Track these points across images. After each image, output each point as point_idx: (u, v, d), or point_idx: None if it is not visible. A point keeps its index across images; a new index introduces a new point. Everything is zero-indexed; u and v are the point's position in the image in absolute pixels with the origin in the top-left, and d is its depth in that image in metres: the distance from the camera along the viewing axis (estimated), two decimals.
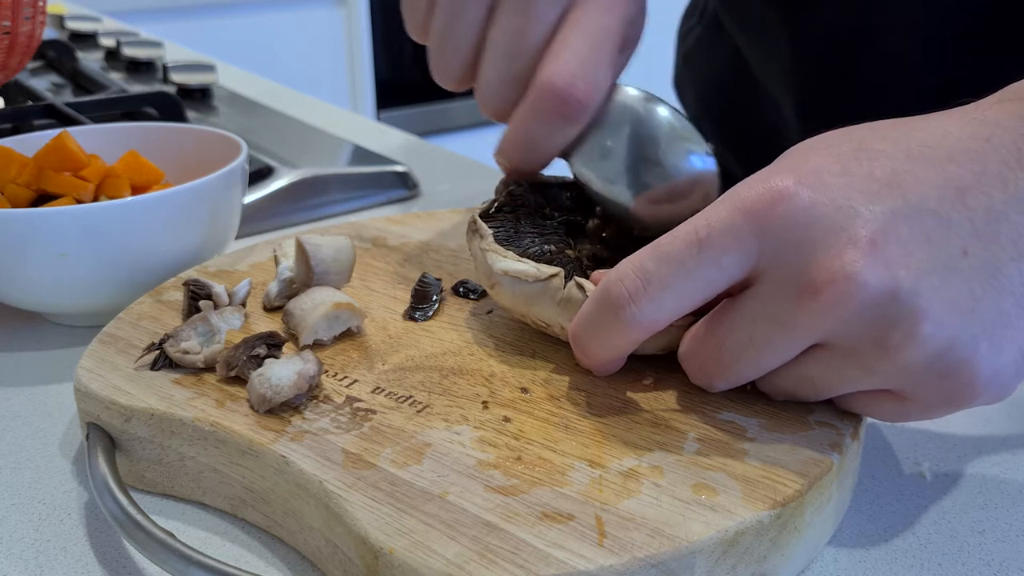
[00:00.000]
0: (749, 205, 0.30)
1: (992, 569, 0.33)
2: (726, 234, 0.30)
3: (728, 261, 0.30)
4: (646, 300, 0.31)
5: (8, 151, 0.51)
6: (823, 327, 0.30)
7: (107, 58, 1.10)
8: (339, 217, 0.68)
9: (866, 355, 0.30)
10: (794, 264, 0.29)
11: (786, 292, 0.30)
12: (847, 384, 0.32)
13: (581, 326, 0.34)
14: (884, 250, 0.29)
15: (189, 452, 0.35)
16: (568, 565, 0.27)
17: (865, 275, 0.28)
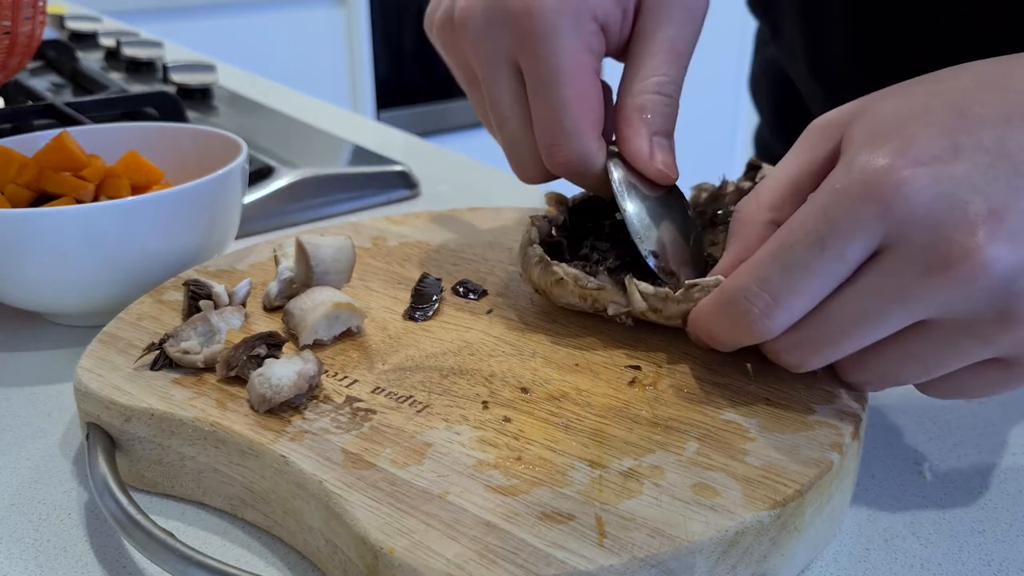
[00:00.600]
0: (868, 189, 0.30)
1: (992, 569, 0.33)
2: (848, 224, 0.30)
3: (852, 250, 0.30)
4: (779, 311, 0.32)
5: (8, 151, 0.51)
6: (948, 301, 0.30)
7: (107, 58, 1.10)
8: (339, 217, 0.68)
9: (988, 325, 0.30)
10: (921, 240, 0.30)
11: (913, 267, 0.30)
12: (961, 357, 0.31)
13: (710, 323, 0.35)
14: (1009, 223, 0.29)
15: (189, 452, 0.35)
16: (568, 565, 0.27)
17: (995, 250, 0.29)
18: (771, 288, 0.32)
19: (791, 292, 0.31)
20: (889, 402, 0.43)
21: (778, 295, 0.32)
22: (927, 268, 0.30)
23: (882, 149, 0.30)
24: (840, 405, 0.35)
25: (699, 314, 0.36)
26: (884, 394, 0.43)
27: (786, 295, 0.32)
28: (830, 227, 0.30)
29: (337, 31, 2.63)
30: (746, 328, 0.33)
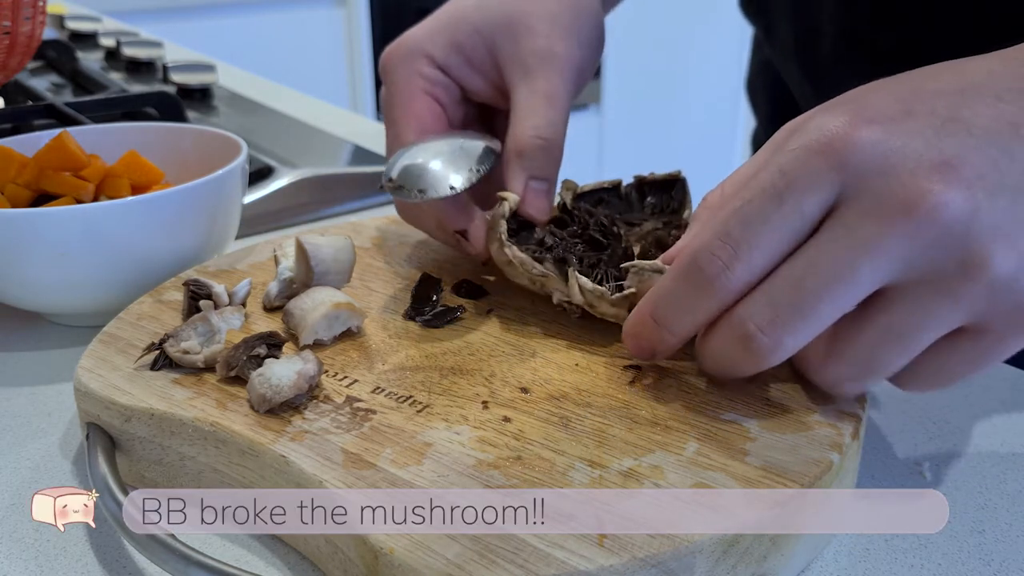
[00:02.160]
0: (823, 144, 0.31)
1: (992, 569, 0.33)
2: (804, 177, 0.31)
3: (810, 203, 0.31)
4: (739, 264, 0.31)
5: (8, 151, 0.51)
6: (909, 252, 0.30)
7: (107, 58, 1.10)
8: (339, 217, 0.68)
9: (952, 279, 0.30)
10: (877, 189, 0.30)
11: (871, 216, 0.30)
12: (933, 323, 0.31)
13: (662, 303, 0.34)
14: (963, 172, 0.30)
15: (189, 452, 0.35)
16: (568, 565, 0.27)
17: (949, 193, 0.29)
18: (732, 241, 0.31)
19: (750, 245, 0.31)
20: (889, 402, 0.43)
21: (738, 247, 0.31)
22: (884, 214, 0.30)
23: (837, 111, 0.32)
24: (840, 405, 0.35)
25: (659, 289, 0.34)
26: (884, 394, 0.43)
27: (745, 248, 0.31)
28: (787, 181, 0.31)
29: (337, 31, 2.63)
30: (707, 285, 0.32)
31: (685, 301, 0.33)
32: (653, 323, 0.34)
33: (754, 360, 0.32)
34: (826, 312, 0.31)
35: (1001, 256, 0.30)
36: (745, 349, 0.32)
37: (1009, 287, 0.30)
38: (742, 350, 0.32)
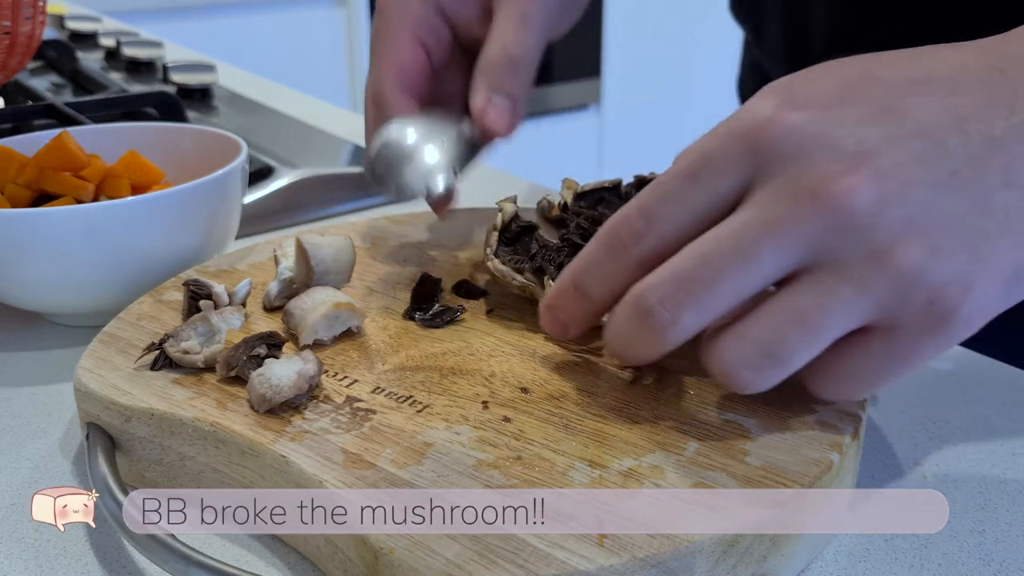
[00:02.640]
0: (741, 128, 0.31)
1: (992, 569, 0.33)
2: (720, 159, 0.31)
3: (724, 185, 0.31)
4: (651, 236, 0.32)
5: (8, 151, 0.51)
6: (814, 235, 0.30)
7: (107, 58, 1.10)
8: (339, 217, 0.68)
9: (859, 267, 0.30)
10: (789, 173, 0.30)
11: (779, 199, 0.30)
12: (840, 310, 0.30)
13: (582, 270, 0.34)
14: (877, 162, 0.30)
15: (189, 452, 0.35)
16: (568, 565, 0.27)
17: (859, 182, 0.29)
18: (647, 213, 0.32)
19: (663, 219, 0.32)
20: (889, 402, 0.43)
21: (652, 219, 0.32)
22: (792, 198, 0.30)
23: (770, 95, 0.32)
24: (840, 405, 0.35)
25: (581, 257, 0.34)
26: (884, 394, 0.43)
27: (658, 221, 0.32)
28: (704, 161, 0.31)
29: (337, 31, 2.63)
30: (622, 252, 0.33)
31: (601, 268, 0.34)
32: (573, 290, 0.35)
33: (652, 336, 0.31)
34: (727, 290, 0.30)
35: (909, 249, 0.29)
36: (643, 324, 0.31)
37: (917, 281, 0.29)
38: (641, 325, 0.32)
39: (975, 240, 0.30)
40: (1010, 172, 0.30)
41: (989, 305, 0.30)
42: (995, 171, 0.30)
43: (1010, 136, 0.30)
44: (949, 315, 0.30)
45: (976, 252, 0.30)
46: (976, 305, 0.30)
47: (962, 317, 0.30)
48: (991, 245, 0.30)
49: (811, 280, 0.30)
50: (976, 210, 0.30)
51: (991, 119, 0.30)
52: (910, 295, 0.30)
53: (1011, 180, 0.30)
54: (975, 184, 0.30)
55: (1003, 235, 0.30)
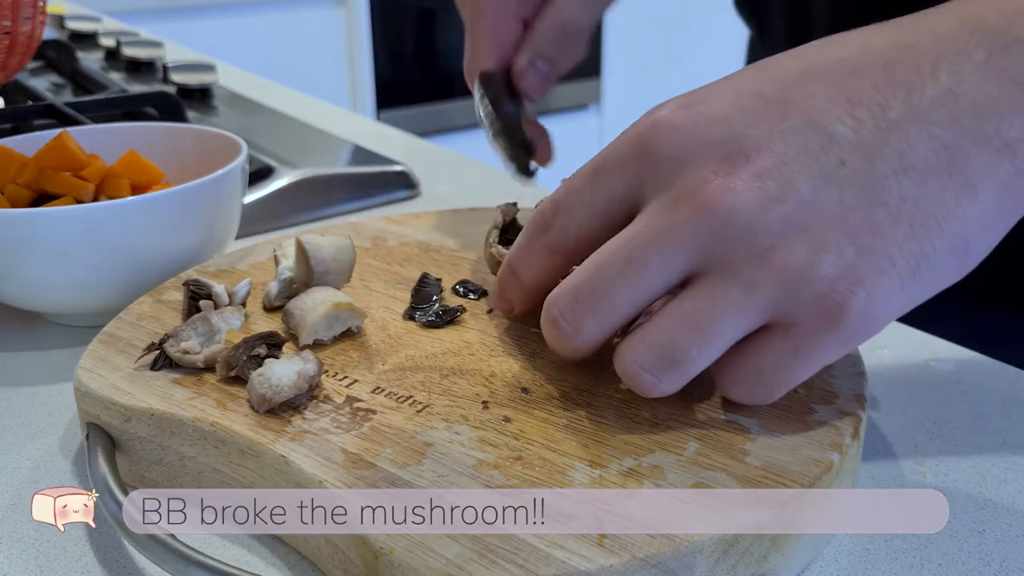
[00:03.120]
0: (634, 132, 0.32)
1: (992, 569, 0.33)
2: (613, 160, 0.32)
3: (617, 186, 0.32)
4: (555, 228, 0.34)
5: (8, 151, 0.51)
6: (698, 240, 0.30)
7: (107, 58, 1.10)
8: (339, 217, 0.68)
9: (743, 267, 0.30)
10: (672, 179, 0.31)
11: (663, 206, 0.31)
12: (732, 312, 0.30)
13: (515, 253, 0.37)
14: (756, 162, 0.30)
15: (189, 452, 0.35)
16: (568, 565, 0.27)
17: (737, 184, 0.29)
18: (555, 207, 0.34)
19: (566, 213, 0.34)
20: (889, 402, 0.43)
21: (557, 212, 0.34)
22: (675, 206, 0.30)
23: (665, 103, 0.32)
24: (840, 405, 0.35)
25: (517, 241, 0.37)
26: (884, 394, 0.43)
27: (562, 215, 0.34)
28: (603, 162, 0.33)
29: (337, 31, 2.63)
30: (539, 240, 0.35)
31: (525, 253, 0.36)
32: (510, 272, 0.38)
33: (564, 343, 0.33)
34: (622, 299, 0.31)
35: (792, 248, 0.29)
36: (554, 332, 0.33)
37: (803, 278, 0.29)
38: (553, 333, 0.34)
39: (863, 233, 0.29)
40: (905, 157, 0.29)
41: (886, 299, 0.29)
42: (889, 157, 0.29)
43: (907, 118, 0.29)
44: (841, 311, 0.29)
45: (865, 245, 0.29)
46: (870, 299, 0.29)
47: (856, 312, 0.29)
48: (882, 237, 0.29)
49: (702, 284, 0.31)
50: (866, 200, 0.29)
51: (888, 100, 0.29)
52: (799, 292, 0.29)
53: (906, 165, 0.29)
54: (865, 173, 0.29)
55: (895, 225, 0.29)
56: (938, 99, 0.29)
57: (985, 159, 0.29)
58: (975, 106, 0.29)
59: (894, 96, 0.30)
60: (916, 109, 0.29)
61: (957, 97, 0.29)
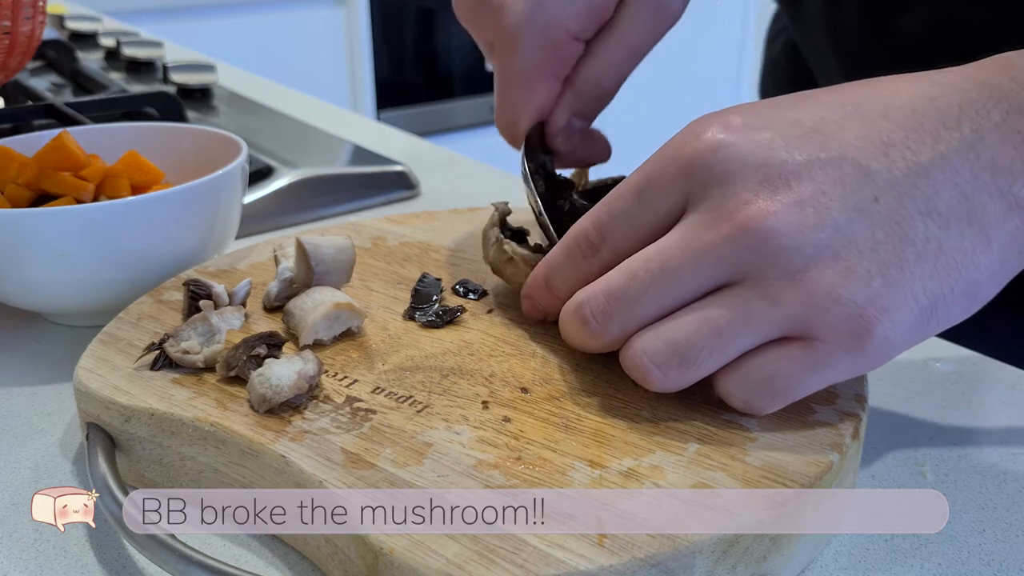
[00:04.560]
0: (675, 151, 0.33)
1: (992, 569, 0.33)
2: (658, 181, 0.33)
3: (664, 204, 0.33)
4: (605, 249, 0.35)
5: (8, 151, 0.51)
6: (732, 256, 0.31)
7: (107, 58, 1.10)
8: (339, 217, 0.68)
9: (772, 284, 0.31)
10: (714, 197, 0.32)
11: (702, 223, 0.32)
12: (753, 322, 0.31)
13: (551, 270, 0.37)
14: (797, 189, 0.31)
15: (189, 452, 0.35)
16: (568, 565, 0.27)
17: (777, 208, 0.31)
18: (601, 228, 0.35)
19: (613, 236, 0.34)
20: (889, 402, 0.43)
21: (605, 234, 0.35)
22: (712, 223, 0.31)
23: (704, 120, 0.33)
24: (840, 405, 0.35)
25: (550, 258, 0.37)
26: (884, 394, 0.43)
27: (610, 236, 0.35)
28: (647, 183, 0.34)
29: (337, 31, 2.63)
30: (582, 261, 0.35)
31: (565, 271, 0.37)
32: (544, 285, 0.38)
33: (588, 340, 0.35)
34: (650, 306, 0.33)
35: (823, 272, 0.30)
36: (581, 329, 0.35)
37: (833, 298, 0.30)
38: (579, 329, 0.35)
39: (892, 266, 0.30)
40: (931, 201, 0.31)
41: (905, 331, 0.31)
42: (917, 199, 0.31)
43: (935, 165, 0.31)
44: (867, 333, 0.31)
45: (893, 278, 0.30)
46: (892, 329, 0.31)
47: (879, 339, 0.31)
48: (908, 272, 0.30)
49: (729, 293, 0.32)
50: (895, 237, 0.31)
51: (918, 146, 0.31)
52: (826, 313, 0.30)
53: (931, 209, 0.31)
54: (896, 211, 0.31)
55: (920, 263, 0.31)
56: (962, 151, 0.31)
57: (1000, 212, 0.31)
58: (992, 163, 0.31)
59: (922, 143, 0.31)
60: (943, 157, 0.31)
61: (978, 152, 0.31)
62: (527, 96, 0.44)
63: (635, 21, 0.44)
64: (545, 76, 0.44)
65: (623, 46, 0.44)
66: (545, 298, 0.38)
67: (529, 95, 0.44)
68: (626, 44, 0.44)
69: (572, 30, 0.43)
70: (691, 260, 0.32)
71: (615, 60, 0.44)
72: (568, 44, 0.43)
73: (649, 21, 0.44)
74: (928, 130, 0.31)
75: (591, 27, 0.43)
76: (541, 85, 0.44)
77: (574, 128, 0.46)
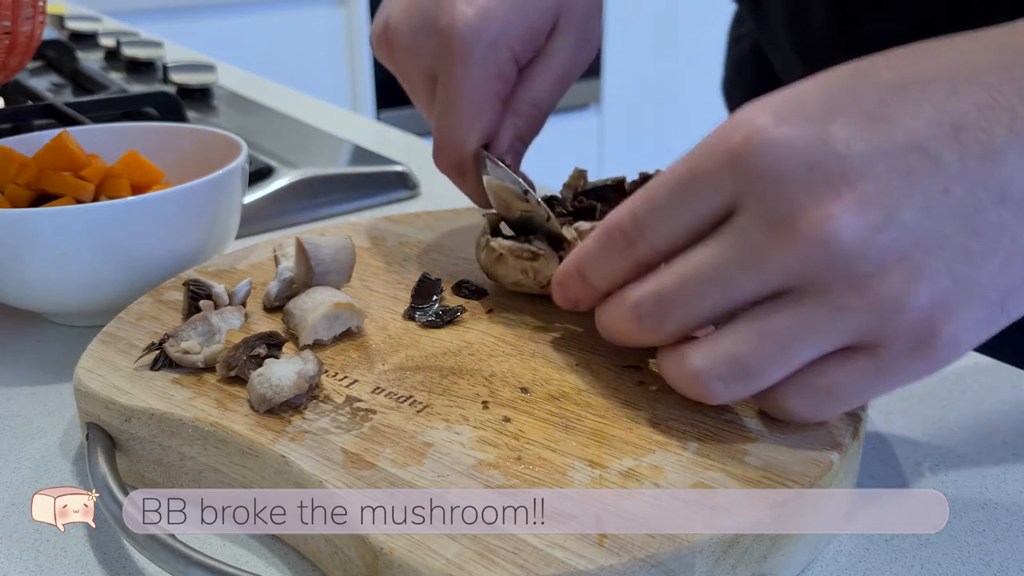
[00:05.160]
0: (724, 143, 0.30)
1: (992, 569, 0.33)
2: (704, 177, 0.30)
3: (709, 203, 0.30)
4: (643, 244, 0.32)
5: (8, 151, 0.51)
6: (793, 266, 0.29)
7: (107, 58, 1.10)
8: (339, 217, 0.68)
9: (836, 292, 0.29)
10: (769, 199, 0.29)
11: (758, 227, 0.29)
12: (815, 333, 0.30)
13: (585, 260, 0.35)
14: (857, 188, 0.28)
15: (189, 452, 0.35)
16: (568, 565, 0.27)
17: (841, 215, 0.28)
18: (639, 222, 0.32)
19: (653, 231, 0.32)
20: (889, 402, 0.43)
21: (643, 229, 0.32)
22: (771, 230, 0.29)
23: (753, 109, 0.30)
24: None
25: (584, 247, 0.35)
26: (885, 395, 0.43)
27: (649, 232, 0.32)
28: (691, 177, 0.31)
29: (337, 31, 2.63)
30: (619, 253, 0.33)
31: (600, 261, 0.34)
32: (578, 276, 0.35)
33: (642, 337, 0.33)
34: (706, 311, 0.31)
35: (890, 278, 0.28)
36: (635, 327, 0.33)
37: (899, 306, 0.29)
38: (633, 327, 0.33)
39: (959, 262, 0.29)
40: (1006, 187, 0.29)
41: (974, 329, 0.30)
42: (991, 186, 0.29)
43: (1012, 146, 0.28)
44: (932, 339, 0.29)
45: (961, 275, 0.29)
46: (960, 329, 0.29)
47: (946, 341, 0.29)
48: (977, 268, 0.29)
49: (790, 301, 0.30)
50: (965, 230, 0.29)
51: (992, 126, 0.29)
52: (892, 320, 0.29)
53: (1006, 196, 0.29)
54: (967, 201, 0.29)
55: (990, 256, 0.29)
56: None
57: None
58: None
59: (997, 121, 0.29)
60: (1020, 138, 0.29)
61: None
62: (476, 114, 0.44)
63: (565, 50, 0.45)
64: (492, 95, 0.44)
65: (555, 73, 0.45)
66: (579, 287, 0.36)
67: (478, 113, 0.44)
68: (558, 71, 0.45)
69: (515, 50, 0.44)
70: (748, 271, 0.30)
71: (549, 86, 0.45)
72: (510, 65, 0.44)
73: (577, 51, 0.46)
74: (1004, 106, 0.29)
75: (529, 51, 0.45)
76: (489, 104, 0.44)
77: (518, 151, 0.46)
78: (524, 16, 0.43)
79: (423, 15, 0.44)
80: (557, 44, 0.45)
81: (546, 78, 0.45)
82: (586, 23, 0.46)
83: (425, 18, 0.44)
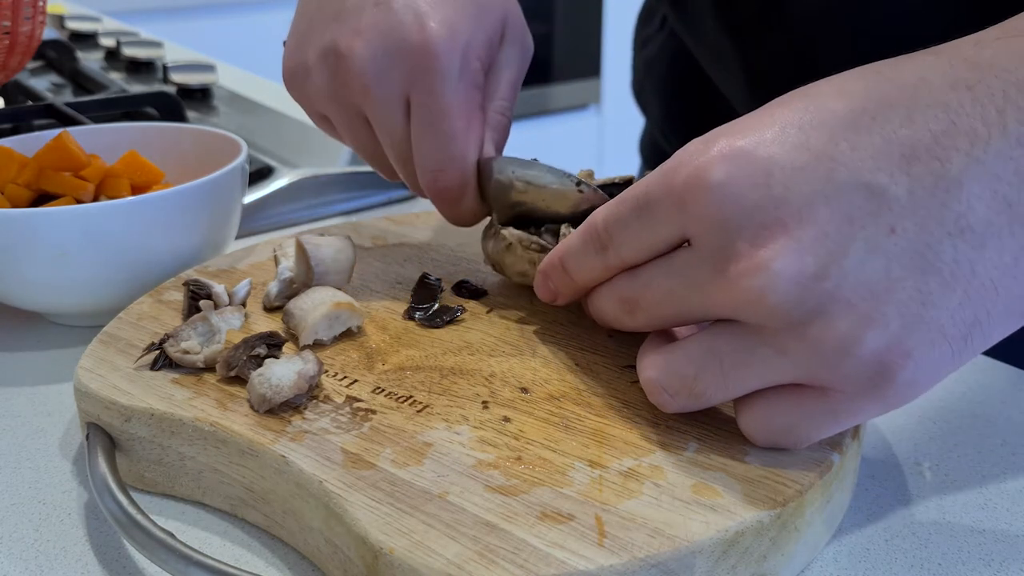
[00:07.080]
0: (671, 179, 0.30)
1: (992, 569, 0.33)
2: (655, 208, 0.31)
3: (661, 232, 0.31)
4: (612, 252, 0.33)
5: (8, 151, 0.51)
6: (736, 308, 0.29)
7: (107, 58, 1.10)
8: (339, 217, 0.68)
9: (778, 335, 0.29)
10: (713, 240, 0.29)
11: (705, 265, 0.30)
12: (758, 366, 0.29)
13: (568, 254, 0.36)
14: (794, 234, 0.27)
15: (189, 452, 0.35)
16: (568, 565, 0.27)
17: (769, 257, 0.28)
18: (609, 231, 0.33)
19: (618, 243, 0.33)
20: None
21: (611, 238, 0.33)
22: (713, 271, 0.29)
23: (707, 139, 0.30)
24: None
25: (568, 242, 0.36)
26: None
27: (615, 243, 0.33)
28: (645, 200, 0.31)
29: None
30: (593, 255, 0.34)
31: (580, 259, 0.35)
32: (561, 267, 0.37)
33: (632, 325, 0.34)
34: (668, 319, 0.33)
35: (831, 323, 0.27)
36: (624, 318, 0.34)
37: (844, 352, 0.28)
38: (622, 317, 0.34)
39: (912, 304, 0.27)
40: (963, 219, 0.27)
41: (932, 369, 0.28)
42: (945, 220, 0.27)
43: (969, 175, 0.27)
44: (886, 382, 0.28)
45: (914, 316, 0.27)
46: (917, 370, 0.28)
47: (902, 383, 0.28)
48: (932, 307, 0.27)
49: (739, 329, 0.30)
50: (916, 269, 0.27)
51: (948, 153, 0.27)
52: (839, 365, 0.28)
53: (963, 228, 0.27)
54: (918, 239, 0.27)
55: (948, 292, 0.27)
56: (1005, 152, 0.27)
57: None
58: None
59: (955, 148, 0.27)
60: (979, 163, 0.27)
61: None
62: (469, 127, 0.43)
63: (515, 59, 0.46)
64: (476, 107, 0.43)
65: (512, 81, 0.46)
66: (559, 278, 0.37)
67: (470, 125, 0.43)
68: (513, 79, 0.46)
69: (482, 60, 0.43)
70: (698, 298, 0.30)
71: (511, 93, 0.46)
72: (481, 75, 0.44)
73: (522, 60, 0.47)
74: (963, 131, 0.27)
75: (488, 61, 0.45)
76: (475, 114, 0.43)
77: None
78: (482, 28, 0.43)
79: (386, 37, 0.41)
80: (507, 53, 0.46)
81: (507, 87, 0.46)
82: (523, 32, 0.47)
83: (389, 40, 0.41)
